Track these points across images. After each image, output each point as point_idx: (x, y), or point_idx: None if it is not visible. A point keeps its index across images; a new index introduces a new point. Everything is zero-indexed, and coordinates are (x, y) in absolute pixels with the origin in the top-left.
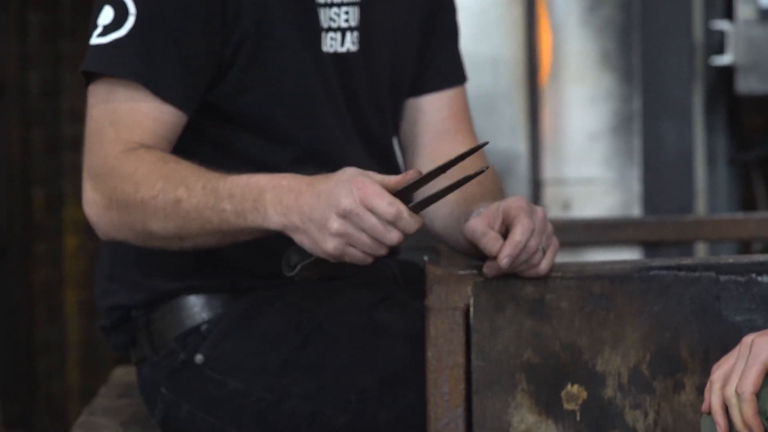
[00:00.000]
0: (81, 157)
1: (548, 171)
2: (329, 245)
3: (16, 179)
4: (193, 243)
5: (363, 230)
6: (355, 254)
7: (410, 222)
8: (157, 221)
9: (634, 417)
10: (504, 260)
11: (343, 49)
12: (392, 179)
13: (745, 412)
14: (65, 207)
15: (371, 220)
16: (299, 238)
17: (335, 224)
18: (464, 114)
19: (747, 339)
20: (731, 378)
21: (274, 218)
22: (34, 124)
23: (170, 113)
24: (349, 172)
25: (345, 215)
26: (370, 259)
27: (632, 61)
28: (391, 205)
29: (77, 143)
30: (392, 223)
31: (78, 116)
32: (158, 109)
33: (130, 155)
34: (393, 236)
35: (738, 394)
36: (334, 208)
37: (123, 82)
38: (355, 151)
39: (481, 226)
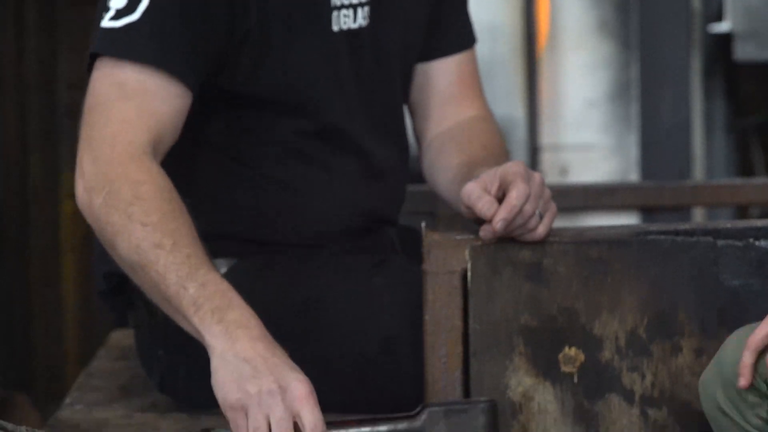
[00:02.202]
0: (78, 124)
1: (546, 137)
2: (232, 396)
3: (13, 145)
4: (136, 282)
5: (268, 415)
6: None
7: None
8: (125, 244)
9: (632, 380)
10: (498, 224)
11: (355, 25)
12: None
13: None
14: (63, 173)
15: (282, 415)
16: (215, 364)
17: (252, 388)
18: (472, 78)
19: None
20: None
21: (214, 336)
22: (31, 90)
23: (179, 94)
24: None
25: (274, 393)
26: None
27: (630, 29)
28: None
29: (74, 110)
30: None
31: (75, 83)
32: (167, 90)
33: (145, 163)
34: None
35: None
36: (274, 382)
37: (133, 63)
38: (362, 126)
39: (477, 190)
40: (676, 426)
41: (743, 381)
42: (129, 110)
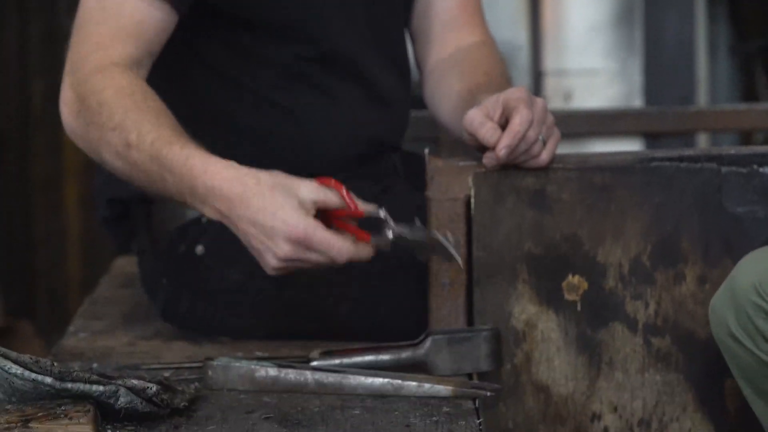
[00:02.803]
0: None
1: (550, 62)
2: (271, 264)
3: (14, 72)
4: (143, 189)
5: (307, 262)
6: (301, 266)
7: (362, 252)
8: (108, 155)
9: (635, 307)
10: (502, 151)
11: None
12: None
13: None
14: None
15: (314, 258)
16: (241, 237)
17: (273, 261)
18: (474, 3)
19: None
20: None
21: (211, 215)
22: (32, 17)
23: (161, 14)
24: (286, 213)
25: (285, 259)
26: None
27: None
28: (335, 249)
29: None
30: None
31: (76, 8)
32: (148, 9)
33: (109, 72)
34: (341, 261)
35: None
36: (273, 249)
37: None
38: (364, 52)
39: (479, 116)
40: (679, 354)
41: None
42: (103, 32)
